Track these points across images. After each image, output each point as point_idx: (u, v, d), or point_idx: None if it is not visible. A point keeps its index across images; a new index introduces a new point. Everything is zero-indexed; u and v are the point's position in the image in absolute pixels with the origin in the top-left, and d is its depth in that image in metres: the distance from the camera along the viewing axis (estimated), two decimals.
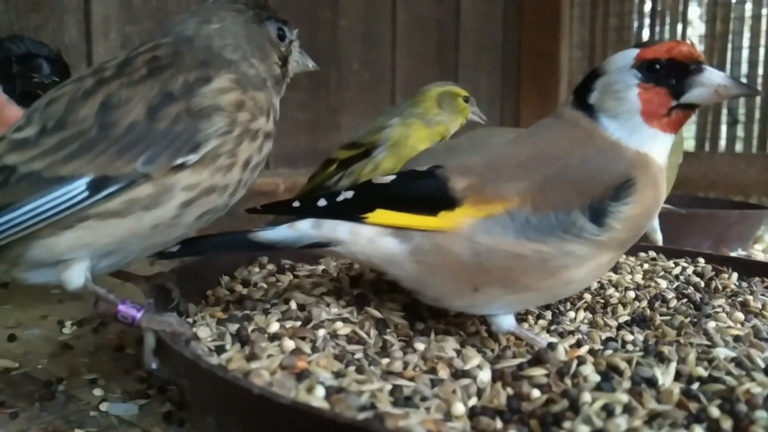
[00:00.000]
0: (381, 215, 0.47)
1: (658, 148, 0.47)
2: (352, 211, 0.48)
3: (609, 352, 0.46)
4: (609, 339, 0.51)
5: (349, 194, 0.49)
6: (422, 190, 0.48)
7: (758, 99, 1.74)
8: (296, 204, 0.50)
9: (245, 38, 0.51)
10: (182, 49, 0.48)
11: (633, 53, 0.47)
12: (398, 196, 0.49)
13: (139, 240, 0.47)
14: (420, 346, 0.47)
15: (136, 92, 0.45)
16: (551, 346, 0.46)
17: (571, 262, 0.46)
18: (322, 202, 0.49)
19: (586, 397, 0.38)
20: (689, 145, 1.85)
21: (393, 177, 0.51)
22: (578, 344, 0.49)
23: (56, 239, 0.44)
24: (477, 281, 0.47)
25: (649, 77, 0.46)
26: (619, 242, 0.47)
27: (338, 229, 0.48)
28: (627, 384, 0.40)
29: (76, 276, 0.46)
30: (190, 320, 0.52)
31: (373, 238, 0.48)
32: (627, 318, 0.56)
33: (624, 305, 0.58)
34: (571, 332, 0.52)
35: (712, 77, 0.45)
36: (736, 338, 0.49)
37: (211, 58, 0.49)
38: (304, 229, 0.49)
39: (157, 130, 0.44)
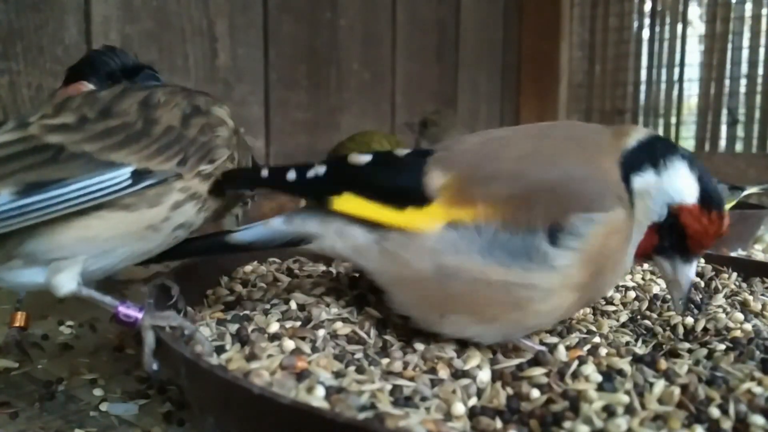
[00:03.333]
0: (347, 201, 0.45)
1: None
2: (321, 190, 0.45)
3: (610, 351, 0.46)
4: (609, 339, 0.51)
5: (321, 170, 0.46)
6: (394, 181, 0.45)
7: (758, 99, 1.74)
8: (264, 173, 0.48)
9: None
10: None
11: (683, 200, 0.44)
12: (369, 183, 0.45)
13: (130, 241, 0.47)
14: (420, 346, 0.47)
15: (172, 99, 0.50)
16: (550, 349, 0.46)
17: (536, 295, 0.42)
18: (291, 175, 0.46)
19: (587, 397, 0.38)
20: (689, 144, 1.85)
21: (368, 159, 0.47)
22: (578, 344, 0.49)
23: (65, 228, 0.44)
24: (442, 306, 0.44)
25: (668, 230, 0.45)
26: (577, 283, 0.43)
27: (308, 223, 0.47)
28: (628, 384, 0.40)
29: (68, 280, 0.45)
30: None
31: (341, 229, 0.46)
32: (627, 318, 0.56)
33: (624, 305, 0.58)
34: (572, 332, 0.52)
35: (688, 273, 0.46)
36: (736, 338, 0.49)
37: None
38: (276, 225, 0.48)
39: (188, 136, 0.48)
